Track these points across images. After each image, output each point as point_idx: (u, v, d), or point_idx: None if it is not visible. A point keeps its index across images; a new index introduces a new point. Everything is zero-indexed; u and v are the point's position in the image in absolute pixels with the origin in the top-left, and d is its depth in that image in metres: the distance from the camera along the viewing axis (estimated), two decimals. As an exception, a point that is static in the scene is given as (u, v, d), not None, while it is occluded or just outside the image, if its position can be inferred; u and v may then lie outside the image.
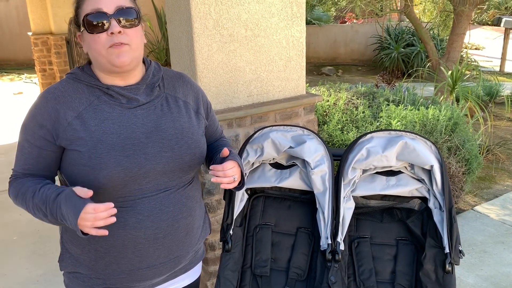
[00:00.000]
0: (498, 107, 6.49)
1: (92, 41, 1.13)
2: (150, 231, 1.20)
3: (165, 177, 1.21)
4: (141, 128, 1.18)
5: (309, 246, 1.69)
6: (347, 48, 10.95)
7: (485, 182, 4.08)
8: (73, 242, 1.25)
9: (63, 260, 1.30)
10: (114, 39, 1.11)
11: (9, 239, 3.18)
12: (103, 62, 1.14)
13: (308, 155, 1.65)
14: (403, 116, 3.06)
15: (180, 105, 1.28)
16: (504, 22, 9.19)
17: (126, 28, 1.13)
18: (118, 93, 1.18)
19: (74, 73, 1.21)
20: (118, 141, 1.15)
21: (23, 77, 9.45)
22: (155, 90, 1.24)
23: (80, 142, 1.13)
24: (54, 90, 1.17)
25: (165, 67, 1.34)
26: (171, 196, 1.23)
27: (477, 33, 14.11)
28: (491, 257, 2.90)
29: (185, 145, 1.23)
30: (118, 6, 1.12)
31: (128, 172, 1.14)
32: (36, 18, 7.36)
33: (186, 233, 1.29)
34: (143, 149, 1.17)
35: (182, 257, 1.31)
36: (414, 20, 6.36)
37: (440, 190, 1.60)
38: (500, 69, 9.65)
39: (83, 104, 1.16)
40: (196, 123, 1.30)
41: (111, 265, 1.22)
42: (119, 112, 1.18)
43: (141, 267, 1.23)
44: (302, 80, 2.41)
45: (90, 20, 1.11)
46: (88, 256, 1.23)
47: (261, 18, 2.18)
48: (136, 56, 1.16)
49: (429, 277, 1.55)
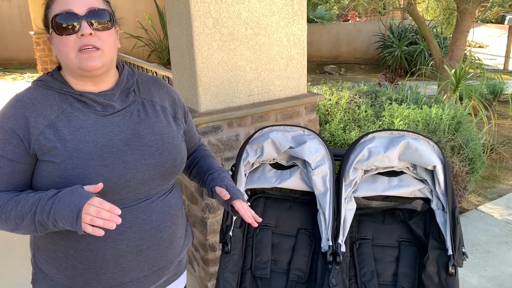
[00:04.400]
0: (502, 106, 6.44)
1: (60, 43, 1.06)
2: (133, 243, 1.14)
3: (146, 185, 1.15)
4: (118, 136, 1.12)
5: (310, 248, 1.67)
6: (350, 46, 10.91)
7: (489, 182, 4.05)
8: (48, 261, 1.17)
9: (36, 281, 1.20)
10: (84, 41, 1.05)
11: (10, 239, 3.17)
12: (72, 67, 1.08)
13: (309, 155, 1.63)
14: (406, 115, 3.03)
15: (158, 110, 1.22)
16: (508, 20, 9.13)
17: (98, 30, 1.06)
18: (92, 99, 1.11)
19: (42, 80, 1.13)
20: (96, 149, 1.08)
21: (26, 77, 9.47)
22: (131, 95, 1.18)
23: (54, 152, 1.06)
24: (22, 97, 1.09)
25: (139, 71, 1.29)
26: (153, 205, 1.18)
27: (480, 31, 14.04)
28: (495, 257, 2.87)
29: (166, 151, 1.18)
30: (90, 7, 1.06)
31: (108, 182, 1.08)
32: (37, 17, 7.36)
33: (170, 243, 1.24)
34: (123, 157, 1.11)
35: (166, 268, 1.26)
36: (417, 18, 6.32)
37: (443, 191, 1.57)
38: (504, 67, 9.59)
39: (55, 112, 1.09)
40: (175, 128, 1.25)
41: (91, 282, 1.15)
42: (94, 119, 1.11)
43: (124, 281, 1.17)
44: (303, 79, 2.39)
45: (59, 21, 1.05)
46: (65, 275, 1.15)
47: (261, 17, 2.16)
48: (108, 61, 1.10)
49: (431, 279, 1.52)
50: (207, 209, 2.22)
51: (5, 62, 10.80)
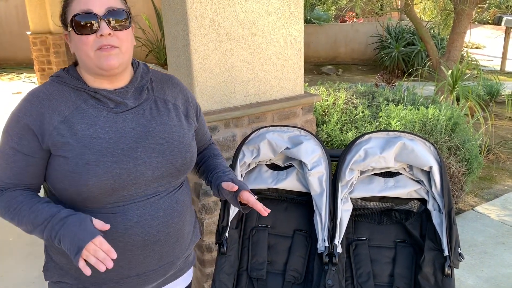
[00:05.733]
0: (499, 107, 6.46)
1: (79, 42, 1.08)
2: (140, 238, 1.16)
3: (155, 182, 1.17)
4: (130, 133, 1.14)
5: (306, 249, 1.67)
6: (347, 47, 10.92)
7: (486, 182, 4.06)
8: (59, 251, 1.20)
9: (48, 270, 1.25)
10: (103, 41, 1.07)
11: (5, 240, 3.16)
12: (90, 65, 1.10)
13: (305, 156, 1.62)
14: (403, 116, 3.03)
15: (170, 108, 1.24)
16: (505, 21, 9.16)
17: (117, 30, 1.09)
18: (105, 97, 1.14)
19: (59, 76, 1.16)
20: (107, 146, 1.10)
21: (22, 77, 9.44)
22: (144, 93, 1.20)
23: (66, 147, 1.08)
24: (38, 93, 1.12)
25: (153, 69, 1.30)
26: (161, 201, 1.19)
27: (477, 32, 14.08)
28: (491, 258, 2.88)
29: (175, 149, 1.20)
30: (109, 7, 1.08)
31: (118, 178, 1.10)
32: (34, 17, 7.34)
33: (176, 239, 1.25)
34: (133, 154, 1.13)
35: (173, 263, 1.28)
36: (414, 19, 6.33)
37: (439, 191, 1.57)
38: (501, 68, 9.62)
39: (69, 108, 1.11)
40: (186, 126, 1.27)
41: (98, 273, 1.18)
42: (107, 116, 1.13)
43: (130, 275, 1.19)
44: (300, 79, 2.39)
45: (79, 20, 1.06)
46: (74, 266, 1.19)
47: (258, 17, 2.16)
48: (125, 60, 1.12)
49: (428, 280, 1.52)
50: (204, 210, 2.22)
51: (2, 62, 10.77)
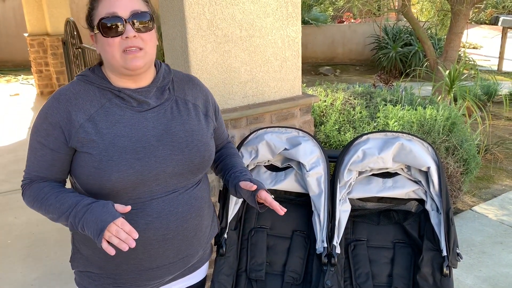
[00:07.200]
0: (496, 107, 6.48)
1: (106, 44, 1.14)
2: (159, 232, 1.22)
3: (174, 179, 1.23)
4: (151, 131, 1.20)
5: (305, 250, 1.67)
6: (345, 48, 10.94)
7: (484, 182, 4.07)
8: (84, 243, 1.27)
9: (74, 260, 1.32)
10: (129, 43, 1.13)
11: (3, 242, 3.15)
12: (116, 65, 1.16)
13: (304, 157, 1.63)
14: (401, 116, 3.04)
15: (190, 108, 1.30)
16: (502, 21, 9.18)
17: (141, 32, 1.15)
18: (129, 96, 1.19)
19: (85, 75, 1.22)
20: (130, 144, 1.16)
21: (20, 79, 9.42)
22: (165, 93, 1.26)
23: (91, 144, 1.15)
24: (66, 91, 1.18)
25: (175, 70, 1.36)
26: (180, 197, 1.25)
27: (474, 32, 14.11)
28: (489, 257, 2.88)
29: (195, 148, 1.25)
30: (134, 10, 1.14)
31: (139, 175, 1.16)
32: (32, 19, 7.33)
33: (195, 233, 1.31)
34: (154, 152, 1.19)
35: (191, 256, 1.34)
36: (411, 19, 6.34)
37: (437, 192, 1.57)
38: (498, 68, 9.65)
39: (94, 107, 1.18)
40: (205, 125, 1.32)
41: (121, 265, 1.25)
42: (130, 115, 1.19)
43: (151, 267, 1.26)
44: (298, 80, 2.39)
45: (105, 23, 1.12)
46: (99, 257, 1.26)
47: (256, 18, 2.16)
48: (149, 60, 1.18)
49: (426, 281, 1.52)
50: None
51: (-1, 64, 10.75)
